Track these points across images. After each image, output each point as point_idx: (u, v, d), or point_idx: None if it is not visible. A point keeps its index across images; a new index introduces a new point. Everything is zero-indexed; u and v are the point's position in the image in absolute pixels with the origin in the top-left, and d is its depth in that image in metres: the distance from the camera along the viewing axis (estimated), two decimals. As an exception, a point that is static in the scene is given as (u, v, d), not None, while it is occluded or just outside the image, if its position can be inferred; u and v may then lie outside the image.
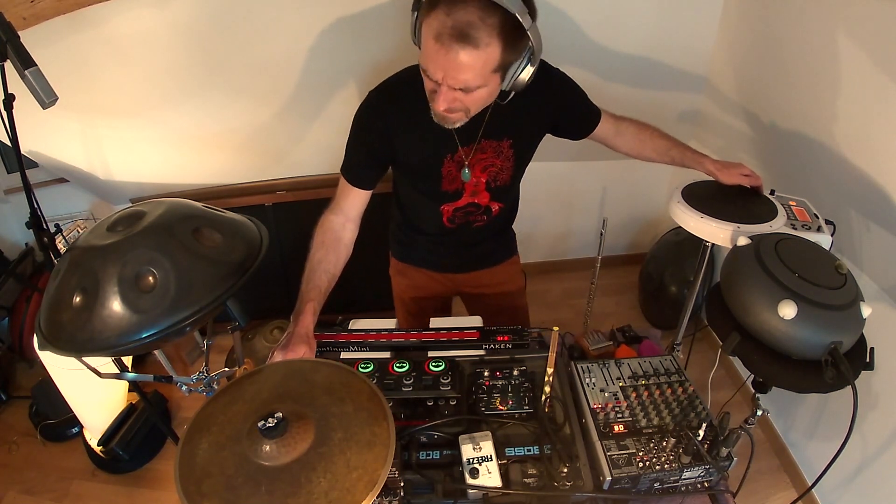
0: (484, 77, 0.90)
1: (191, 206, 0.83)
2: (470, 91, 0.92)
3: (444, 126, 1.02)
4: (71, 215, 2.38)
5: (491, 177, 1.18)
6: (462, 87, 0.91)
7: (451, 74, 0.89)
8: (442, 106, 0.95)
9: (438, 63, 0.88)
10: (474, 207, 1.24)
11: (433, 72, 0.90)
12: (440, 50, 0.86)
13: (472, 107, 0.98)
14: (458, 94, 0.93)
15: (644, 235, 2.90)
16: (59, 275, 0.75)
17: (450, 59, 0.86)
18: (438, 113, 0.98)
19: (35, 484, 1.96)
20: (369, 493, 0.64)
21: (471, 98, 0.94)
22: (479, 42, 0.84)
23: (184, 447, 0.72)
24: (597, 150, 2.45)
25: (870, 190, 1.35)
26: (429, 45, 0.88)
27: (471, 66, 0.87)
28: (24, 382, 2.36)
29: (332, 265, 1.12)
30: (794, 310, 0.81)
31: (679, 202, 1.28)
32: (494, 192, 1.22)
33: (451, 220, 1.26)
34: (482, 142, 1.13)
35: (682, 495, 0.92)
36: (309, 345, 1.00)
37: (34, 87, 1.11)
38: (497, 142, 1.14)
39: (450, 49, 0.85)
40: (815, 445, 1.80)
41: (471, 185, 1.19)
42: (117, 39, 1.45)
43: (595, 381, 1.03)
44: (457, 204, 1.22)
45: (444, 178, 1.17)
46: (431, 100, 0.97)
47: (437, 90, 0.93)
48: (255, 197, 2.24)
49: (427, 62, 0.91)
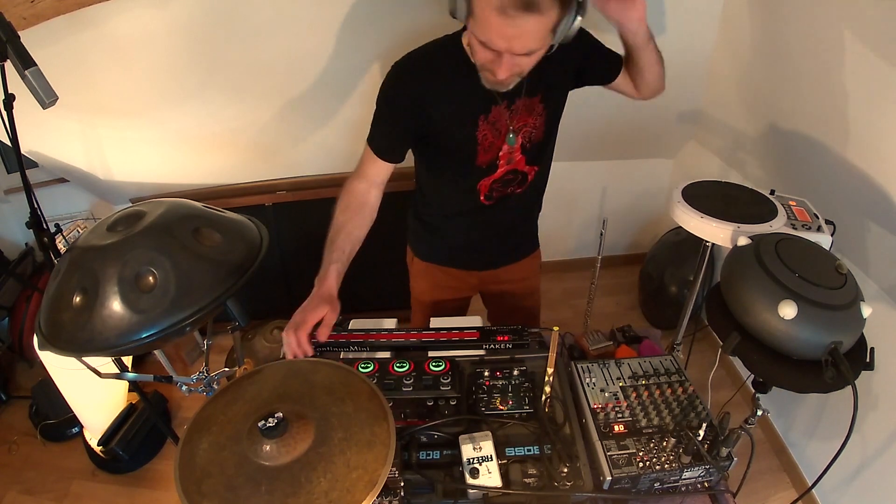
0: (545, 39, 0.91)
1: (191, 206, 0.83)
2: (532, 54, 0.93)
3: (497, 90, 1.02)
4: (71, 215, 2.39)
5: (526, 138, 1.17)
6: (526, 52, 0.91)
7: (517, 43, 0.89)
8: (504, 74, 0.95)
9: (504, 34, 0.88)
10: (513, 175, 1.21)
11: (496, 42, 0.90)
12: (506, 20, 0.85)
13: (527, 68, 0.98)
14: (519, 60, 0.93)
15: (644, 235, 2.90)
16: (59, 275, 0.75)
17: (516, 28, 0.86)
18: (497, 80, 0.98)
19: (35, 484, 1.96)
20: (369, 493, 0.64)
21: (529, 61, 0.95)
22: (543, 7, 0.85)
23: (184, 447, 0.72)
24: (597, 150, 2.48)
25: (870, 190, 1.35)
26: (491, 18, 0.87)
27: (535, 32, 0.88)
28: (24, 382, 2.36)
29: (356, 228, 1.13)
30: (794, 310, 0.81)
31: (679, 202, 1.29)
32: (530, 153, 1.19)
33: (488, 196, 1.24)
34: (518, 101, 1.11)
35: (682, 495, 0.92)
36: (332, 305, 1.00)
37: (34, 87, 1.11)
38: (529, 99, 1.12)
39: (516, 18, 0.85)
40: (815, 445, 1.80)
41: (506, 154, 1.17)
42: (117, 39, 1.45)
43: (595, 381, 1.03)
44: (494, 176, 1.20)
45: (479, 145, 1.14)
46: (488, 69, 0.97)
47: (496, 60, 0.93)
48: (255, 197, 2.24)
49: (489, 34, 0.90)
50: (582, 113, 2.12)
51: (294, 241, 2.30)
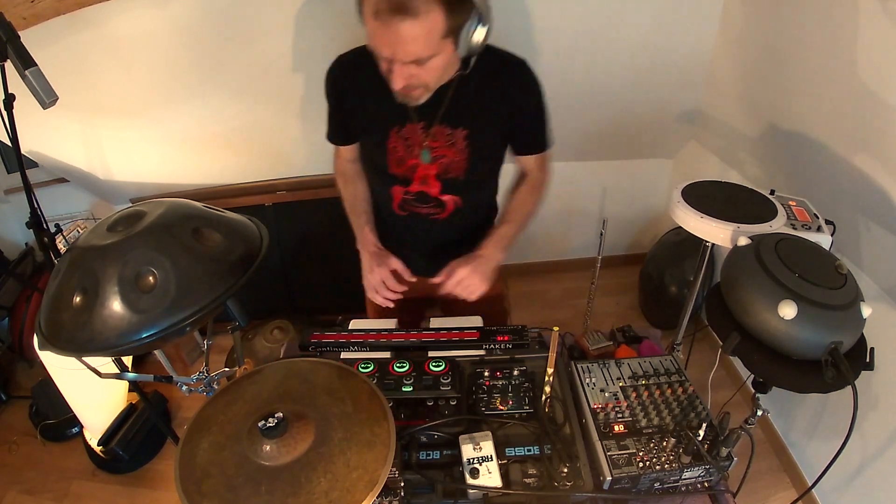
0: (433, 46, 0.87)
1: (191, 206, 0.83)
2: (423, 63, 0.90)
3: (407, 103, 1.01)
4: (71, 215, 2.38)
5: (442, 168, 1.13)
6: (413, 59, 0.88)
7: (399, 49, 0.86)
8: (399, 84, 0.92)
9: (383, 40, 0.86)
10: (425, 196, 1.18)
11: (382, 50, 0.88)
12: (381, 27, 0.84)
13: (430, 80, 0.95)
14: (411, 69, 0.90)
15: (644, 235, 2.90)
16: (59, 275, 0.74)
17: (392, 34, 0.84)
18: (398, 92, 0.96)
19: (35, 484, 1.96)
20: (369, 493, 0.64)
21: (427, 71, 0.92)
22: (418, 11, 0.82)
23: (184, 447, 0.72)
24: (597, 150, 2.48)
25: (870, 190, 1.35)
26: (370, 23, 0.86)
27: (415, 38, 0.84)
28: (24, 382, 2.36)
29: (365, 191, 1.25)
30: (794, 310, 0.81)
31: (679, 202, 1.29)
32: (445, 183, 1.16)
33: (401, 206, 1.21)
34: (435, 127, 1.08)
35: (682, 495, 0.92)
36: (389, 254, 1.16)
37: (34, 87, 1.11)
38: (451, 129, 1.08)
39: (390, 23, 0.82)
40: (815, 445, 1.80)
41: (420, 174, 1.15)
42: (117, 39, 1.45)
43: (595, 381, 1.03)
44: (407, 189, 1.18)
45: (389, 153, 1.13)
46: (389, 80, 0.95)
47: (391, 68, 0.91)
48: (255, 197, 2.24)
49: (373, 42, 0.88)
50: (582, 113, 2.13)
51: (294, 241, 2.30)
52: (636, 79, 1.95)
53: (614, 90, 2.00)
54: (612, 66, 1.88)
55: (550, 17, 1.64)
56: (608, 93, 2.03)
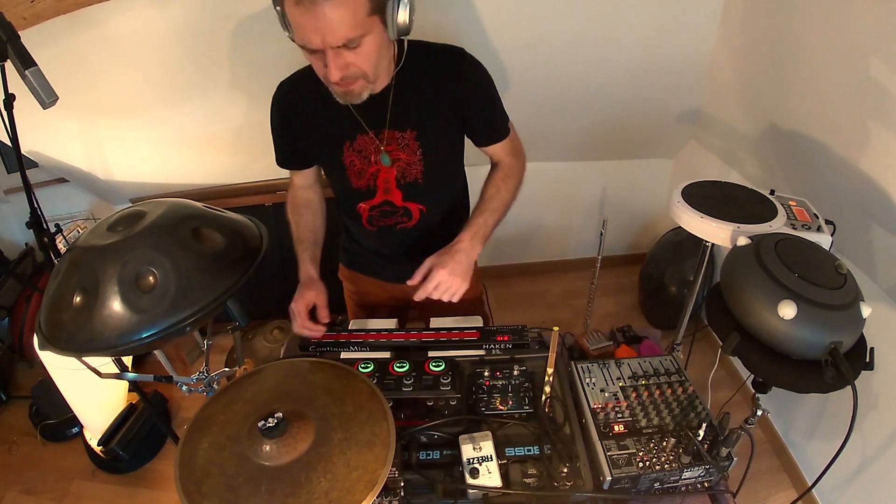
0: (360, 24, 0.85)
1: (191, 206, 0.83)
2: (355, 45, 0.87)
3: (351, 103, 0.98)
4: (71, 215, 2.38)
5: (400, 172, 1.12)
6: (344, 42, 0.86)
7: (327, 33, 0.84)
8: (336, 75, 0.89)
9: (309, 27, 0.83)
10: (390, 207, 1.17)
11: (311, 40, 0.85)
12: (306, 13, 0.81)
13: (367, 66, 0.92)
14: (345, 55, 0.88)
15: (644, 235, 2.90)
16: (59, 275, 0.75)
17: (318, 18, 0.82)
18: (339, 90, 0.94)
19: (35, 484, 1.96)
20: (369, 493, 0.64)
21: (362, 55, 0.90)
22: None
23: (184, 447, 0.72)
24: (597, 150, 2.48)
25: (870, 190, 1.35)
26: (295, 16, 0.83)
27: (341, 18, 0.82)
28: (24, 382, 2.36)
29: (309, 220, 1.24)
30: (794, 310, 0.81)
31: (679, 202, 1.28)
32: (406, 189, 1.15)
33: (370, 221, 1.20)
34: (384, 132, 1.07)
35: (682, 495, 0.92)
36: (315, 288, 1.11)
37: (34, 87, 1.11)
38: (400, 132, 1.08)
39: (313, 7, 0.80)
40: (815, 445, 1.80)
41: (382, 182, 1.13)
42: (117, 39, 1.45)
43: (595, 381, 1.03)
44: (372, 202, 1.17)
45: (347, 169, 1.12)
46: (326, 80, 0.93)
47: (324, 61, 0.89)
48: (255, 197, 2.24)
49: (301, 33, 0.85)
50: (582, 113, 2.14)
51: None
52: (636, 79, 1.95)
53: (614, 90, 2.00)
54: (613, 66, 1.88)
55: (550, 17, 1.64)
56: (608, 93, 2.03)
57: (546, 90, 1.94)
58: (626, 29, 1.74)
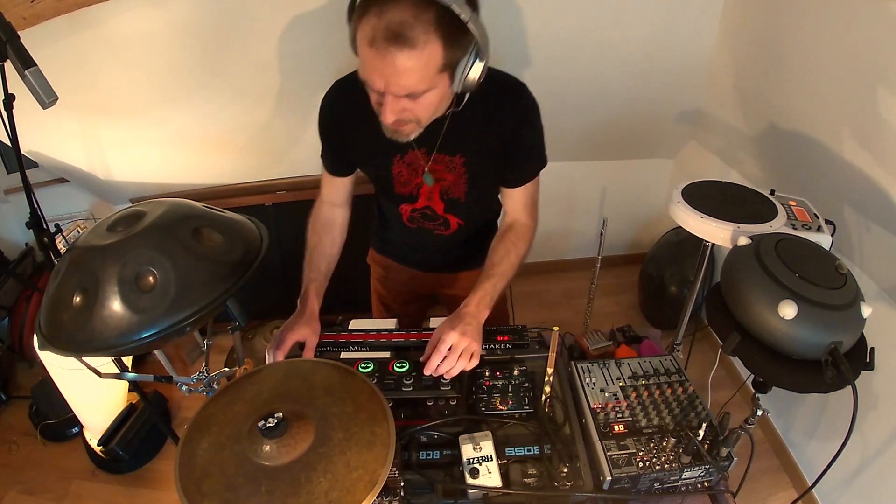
0: (429, 79, 0.84)
1: (191, 206, 0.83)
2: (416, 97, 0.86)
3: (397, 139, 0.96)
4: (71, 215, 2.38)
5: (443, 190, 1.14)
6: (407, 93, 0.84)
7: (393, 81, 0.82)
8: (390, 118, 0.88)
9: (377, 70, 0.82)
10: (431, 212, 1.19)
11: (374, 81, 0.84)
12: (376, 56, 0.79)
13: (422, 115, 0.91)
14: (405, 103, 0.86)
15: (644, 235, 2.90)
16: (59, 275, 0.74)
17: (388, 65, 0.80)
18: (388, 126, 0.92)
19: (35, 484, 1.96)
20: (369, 493, 0.64)
21: (420, 105, 0.88)
22: (416, 41, 0.78)
23: (184, 447, 0.72)
24: (597, 150, 2.48)
25: (870, 190, 1.35)
26: (365, 52, 0.81)
27: (412, 70, 0.80)
28: (24, 382, 2.36)
29: (327, 247, 1.19)
30: (794, 310, 0.81)
31: (679, 202, 1.29)
32: (448, 203, 1.17)
33: (410, 220, 1.23)
34: (434, 154, 1.07)
35: (682, 495, 0.92)
36: (312, 328, 1.06)
37: (34, 87, 1.11)
38: (449, 157, 1.08)
39: (386, 53, 0.78)
40: (815, 445, 1.80)
41: (426, 192, 1.15)
42: (117, 39, 1.45)
43: (595, 381, 1.03)
44: (414, 206, 1.19)
45: (395, 179, 1.13)
46: (379, 113, 0.90)
47: (382, 102, 0.87)
48: (255, 197, 2.24)
49: (366, 72, 0.84)
50: (582, 113, 2.13)
51: (294, 241, 2.27)
52: (636, 79, 1.95)
53: (614, 90, 2.01)
54: (613, 66, 1.88)
55: (552, 17, 1.64)
56: (608, 93, 2.03)
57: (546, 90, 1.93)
58: (627, 29, 1.74)
